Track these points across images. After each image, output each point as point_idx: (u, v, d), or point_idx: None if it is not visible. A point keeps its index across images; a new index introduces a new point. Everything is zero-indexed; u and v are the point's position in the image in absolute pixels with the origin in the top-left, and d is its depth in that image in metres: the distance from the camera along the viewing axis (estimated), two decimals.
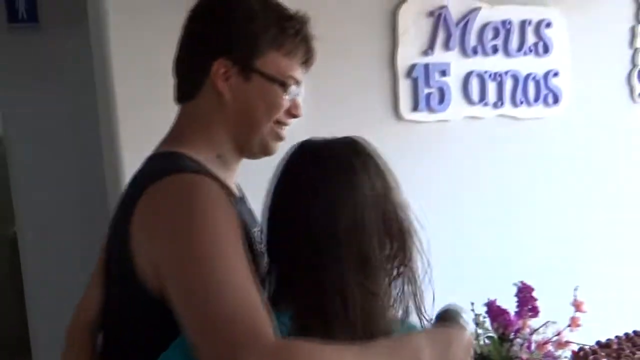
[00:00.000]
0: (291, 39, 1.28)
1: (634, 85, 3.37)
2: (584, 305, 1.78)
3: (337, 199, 1.09)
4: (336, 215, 1.08)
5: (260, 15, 1.25)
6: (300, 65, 1.32)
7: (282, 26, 1.26)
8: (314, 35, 1.34)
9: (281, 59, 1.27)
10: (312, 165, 1.15)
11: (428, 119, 2.77)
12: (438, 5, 2.74)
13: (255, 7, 1.26)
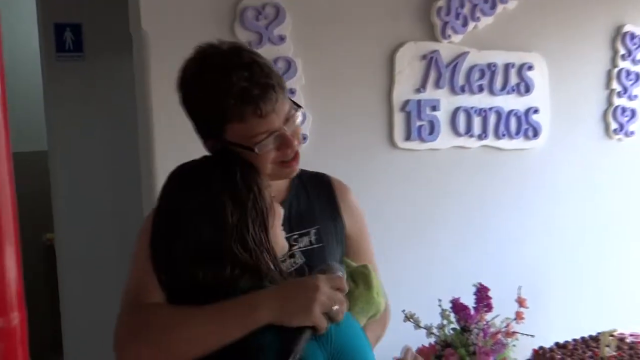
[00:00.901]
0: (235, 108, 1.38)
1: (609, 123, 3.77)
2: (526, 302, 2.16)
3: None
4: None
5: (205, 101, 1.42)
6: (257, 119, 1.38)
7: (222, 103, 1.38)
8: (250, 82, 1.39)
9: (237, 127, 1.39)
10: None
11: (419, 147, 3.18)
12: (430, 50, 3.16)
13: (199, 94, 1.44)
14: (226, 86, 1.38)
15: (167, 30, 2.61)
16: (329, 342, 1.20)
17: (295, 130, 1.47)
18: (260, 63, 1.43)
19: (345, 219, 1.64)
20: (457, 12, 3.18)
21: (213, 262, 1.24)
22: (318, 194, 1.65)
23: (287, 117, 1.45)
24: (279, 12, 2.77)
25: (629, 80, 3.80)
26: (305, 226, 1.57)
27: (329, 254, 1.58)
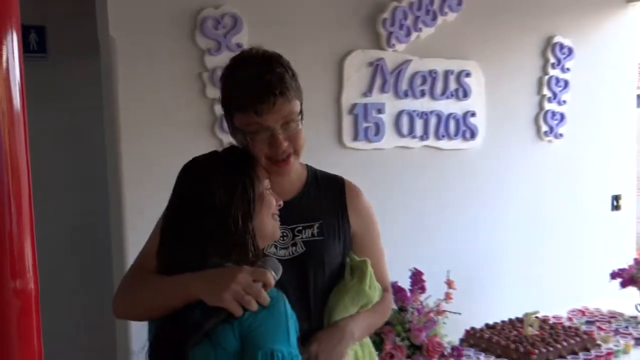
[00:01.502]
0: (237, 99, 1.62)
1: (540, 126, 4.11)
2: (454, 284, 2.45)
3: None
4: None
5: (225, 94, 1.67)
6: (256, 111, 1.58)
7: (233, 92, 1.63)
8: (254, 76, 1.60)
9: (240, 116, 1.62)
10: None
11: (366, 147, 3.45)
12: (376, 58, 3.43)
13: (222, 86, 1.68)
14: (237, 80, 1.63)
15: (133, 36, 2.82)
16: (240, 325, 1.35)
17: (292, 135, 1.65)
18: (276, 71, 1.63)
19: (351, 218, 1.80)
20: (401, 23, 3.46)
21: (194, 240, 1.47)
22: (328, 194, 1.82)
23: (286, 120, 1.63)
24: (237, 22, 3.00)
25: (558, 87, 4.14)
26: (310, 220, 1.74)
27: (328, 247, 1.75)
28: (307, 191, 1.80)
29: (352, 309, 1.73)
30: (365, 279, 1.74)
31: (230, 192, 1.49)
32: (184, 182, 1.56)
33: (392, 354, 2.36)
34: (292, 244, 1.72)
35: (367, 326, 1.78)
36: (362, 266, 1.76)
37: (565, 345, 2.87)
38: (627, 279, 3.40)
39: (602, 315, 3.42)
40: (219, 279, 1.41)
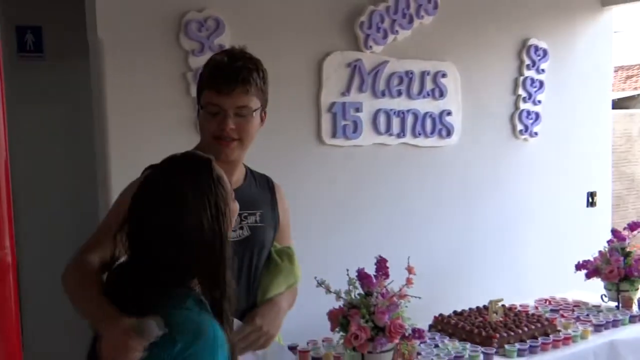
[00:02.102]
0: (207, 77, 1.88)
1: (515, 124, 4.28)
2: (414, 269, 2.62)
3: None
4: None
5: (201, 74, 1.94)
6: (217, 91, 1.84)
7: (206, 72, 1.90)
8: (226, 62, 1.87)
9: (206, 93, 1.88)
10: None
11: (344, 144, 3.63)
12: (354, 59, 3.61)
13: (202, 70, 1.94)
14: (212, 62, 1.91)
15: (120, 38, 3.00)
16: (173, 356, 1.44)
17: (240, 124, 1.87)
18: (247, 66, 1.88)
19: (279, 212, 2.08)
20: (378, 26, 3.64)
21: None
22: (263, 188, 2.08)
23: (240, 110, 1.86)
24: (219, 25, 3.18)
25: (533, 87, 4.31)
26: (253, 208, 1.99)
27: (266, 232, 2.01)
28: (249, 183, 2.05)
29: (283, 287, 2.01)
30: (293, 259, 2.05)
31: (203, 190, 1.54)
32: (156, 178, 1.58)
33: (356, 335, 2.54)
34: (239, 228, 1.96)
35: (291, 303, 2.06)
36: (289, 251, 2.07)
37: (525, 331, 3.04)
38: (592, 270, 3.57)
39: (566, 305, 3.59)
40: (102, 331, 1.49)
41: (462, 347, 2.90)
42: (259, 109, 1.94)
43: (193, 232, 1.49)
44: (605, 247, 3.62)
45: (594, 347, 3.07)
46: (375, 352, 2.57)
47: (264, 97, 1.96)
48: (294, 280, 2.05)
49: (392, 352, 2.67)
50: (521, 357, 2.90)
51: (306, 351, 2.87)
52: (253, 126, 1.93)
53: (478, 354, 2.84)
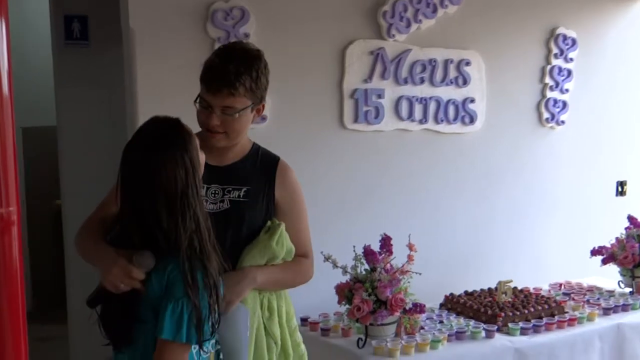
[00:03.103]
0: (202, 73, 2.06)
1: (542, 112, 4.34)
2: (415, 247, 2.76)
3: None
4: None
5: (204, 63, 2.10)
6: (206, 89, 2.03)
7: (204, 67, 2.07)
8: (218, 68, 2.02)
9: (201, 87, 2.06)
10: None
11: (366, 129, 3.77)
12: (377, 47, 3.74)
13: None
14: (211, 59, 2.08)
15: (150, 27, 3.21)
16: (165, 275, 1.75)
17: (226, 121, 2.03)
18: (239, 67, 2.00)
19: (277, 189, 2.16)
20: (401, 15, 3.76)
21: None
22: (263, 166, 2.18)
23: (226, 109, 2.01)
24: (244, 14, 3.36)
25: (561, 76, 4.36)
26: (239, 183, 2.12)
27: (249, 208, 2.10)
28: (244, 161, 2.17)
29: (260, 261, 2.07)
30: (274, 235, 2.07)
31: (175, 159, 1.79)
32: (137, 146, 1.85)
33: (359, 307, 2.69)
34: (220, 201, 2.10)
35: (274, 279, 2.11)
36: (273, 226, 2.11)
37: (532, 311, 3.14)
38: (608, 256, 3.63)
39: (580, 289, 3.66)
40: (103, 267, 1.79)
41: (465, 324, 3.02)
42: (248, 107, 2.06)
43: (168, 185, 1.73)
44: (622, 234, 3.66)
45: (600, 329, 3.15)
46: (376, 324, 2.71)
47: (256, 95, 2.07)
48: (273, 255, 2.08)
49: (395, 325, 2.82)
50: (524, 336, 3.00)
51: (316, 323, 3.04)
52: (240, 123, 2.06)
53: (480, 330, 2.96)
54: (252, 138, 3.37)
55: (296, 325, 2.25)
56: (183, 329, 1.70)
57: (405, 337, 2.82)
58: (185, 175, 1.77)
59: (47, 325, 5.24)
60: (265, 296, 2.12)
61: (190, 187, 1.77)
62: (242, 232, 2.10)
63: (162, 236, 1.74)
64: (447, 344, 2.86)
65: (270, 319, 2.13)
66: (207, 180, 2.08)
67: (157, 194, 1.75)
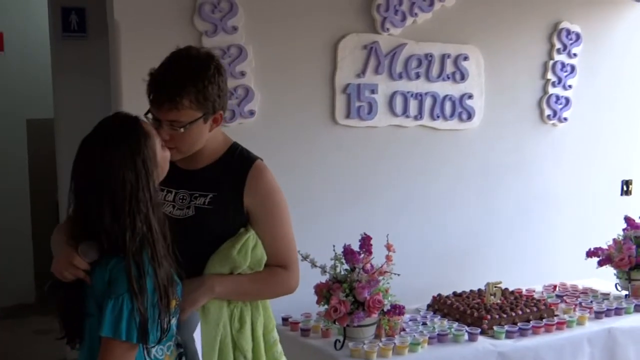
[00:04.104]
0: (147, 86, 1.94)
1: (543, 109, 4.24)
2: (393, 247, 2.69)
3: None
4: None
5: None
6: (150, 102, 1.93)
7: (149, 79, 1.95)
8: (157, 81, 1.92)
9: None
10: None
11: (358, 124, 3.69)
12: (371, 41, 3.66)
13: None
14: (157, 70, 1.97)
15: (135, 19, 3.17)
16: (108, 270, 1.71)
17: (175, 135, 1.91)
18: (181, 79, 1.89)
19: (246, 196, 2.01)
20: (396, 8, 3.68)
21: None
22: (234, 171, 2.03)
23: (171, 122, 1.90)
24: (233, 7, 3.30)
25: (564, 72, 4.25)
26: (206, 190, 2.01)
27: (214, 216, 1.99)
28: (215, 166, 2.05)
29: (221, 270, 1.97)
30: (236, 244, 1.96)
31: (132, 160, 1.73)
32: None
33: (336, 308, 2.64)
34: (187, 207, 2.02)
35: (237, 289, 2.00)
36: (241, 234, 1.99)
37: (520, 314, 3.06)
38: (605, 258, 3.53)
39: (574, 291, 3.56)
40: (54, 255, 1.79)
41: (448, 326, 2.95)
42: (198, 119, 1.93)
43: (115, 186, 1.67)
44: (619, 235, 3.57)
45: (589, 333, 3.06)
46: (352, 326, 2.66)
47: (205, 105, 1.93)
48: (234, 264, 1.98)
49: (375, 327, 2.76)
50: (509, 339, 2.93)
51: (297, 322, 2.99)
52: (189, 136, 1.94)
53: (463, 333, 2.89)
54: (240, 133, 3.35)
55: (276, 339, 2.14)
56: (122, 326, 1.65)
57: (384, 339, 2.75)
58: (135, 178, 1.70)
59: (48, 316, 5.25)
60: (238, 307, 2.03)
61: (142, 191, 1.71)
62: (205, 240, 2.00)
63: (105, 237, 1.70)
64: (428, 347, 2.79)
65: (240, 331, 2.03)
66: (176, 185, 2.02)
67: (102, 195, 1.69)
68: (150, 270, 1.69)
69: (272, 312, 2.15)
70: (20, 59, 5.63)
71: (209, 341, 1.98)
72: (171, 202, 2.03)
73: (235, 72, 3.33)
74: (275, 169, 3.43)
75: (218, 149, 2.08)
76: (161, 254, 1.72)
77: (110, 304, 1.66)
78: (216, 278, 1.98)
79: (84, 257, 1.72)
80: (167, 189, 2.03)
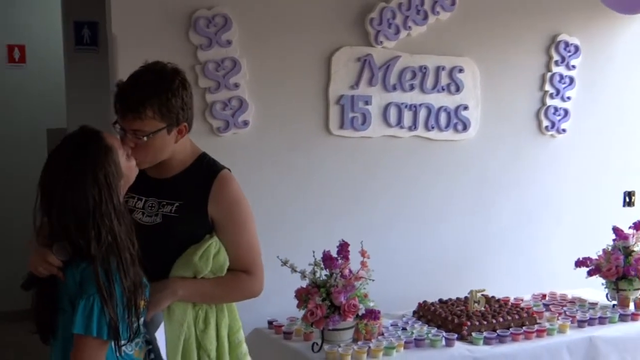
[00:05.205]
0: (114, 97, 2.08)
1: (541, 120, 4.28)
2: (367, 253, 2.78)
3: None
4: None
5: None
6: (115, 112, 2.07)
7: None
8: (122, 92, 2.07)
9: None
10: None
11: (352, 135, 3.78)
12: (365, 54, 3.76)
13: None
14: (123, 82, 2.11)
15: (132, 33, 3.31)
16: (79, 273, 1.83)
17: (138, 145, 2.01)
18: (145, 90, 2.02)
19: (210, 204, 2.12)
20: (389, 22, 3.77)
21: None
22: (200, 180, 2.15)
23: (135, 131, 2.01)
24: (227, 21, 3.43)
25: (562, 83, 4.29)
26: (173, 198, 2.14)
27: (180, 224, 2.11)
28: (183, 175, 2.17)
29: (184, 274, 2.09)
30: (198, 250, 2.08)
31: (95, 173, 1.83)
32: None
33: (312, 312, 2.73)
34: (155, 214, 2.14)
35: (200, 292, 2.12)
36: (204, 241, 2.11)
37: (501, 321, 3.12)
38: (595, 268, 3.56)
39: (562, 300, 3.60)
40: (31, 252, 1.90)
41: (426, 331, 3.02)
42: (162, 129, 2.04)
43: (78, 203, 1.77)
44: (609, 246, 3.60)
45: (569, 341, 3.10)
46: (327, 329, 2.75)
47: (169, 117, 2.04)
48: (195, 269, 2.09)
49: (353, 331, 2.85)
50: (488, 345, 2.98)
51: (280, 326, 3.08)
52: (153, 146, 2.05)
53: (439, 338, 2.95)
54: (234, 143, 3.48)
55: (241, 340, 2.25)
56: (93, 323, 1.77)
57: (360, 342, 2.84)
58: (98, 193, 1.80)
59: None
60: (203, 309, 2.15)
61: (105, 204, 1.81)
62: (172, 247, 2.11)
63: (71, 247, 1.82)
64: (404, 351, 2.87)
65: (204, 331, 2.14)
66: (145, 193, 2.16)
67: (65, 210, 1.80)
68: (117, 277, 1.80)
69: (237, 314, 2.26)
70: (40, 70, 5.85)
71: (172, 340, 2.09)
72: (141, 210, 2.16)
73: (229, 84, 3.46)
74: (269, 178, 3.60)
75: (186, 159, 2.19)
76: (128, 261, 1.83)
77: (82, 303, 1.78)
78: (179, 282, 2.09)
79: (57, 256, 1.85)
80: (138, 197, 2.16)
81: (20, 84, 5.89)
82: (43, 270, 1.86)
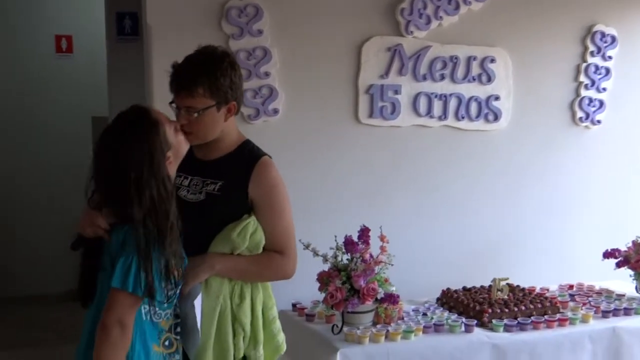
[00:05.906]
0: (170, 77, 2.28)
1: (575, 111, 4.25)
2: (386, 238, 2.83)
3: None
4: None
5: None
6: (170, 90, 2.27)
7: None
8: (177, 72, 2.27)
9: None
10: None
11: (381, 124, 3.83)
12: (395, 43, 3.80)
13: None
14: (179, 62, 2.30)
15: (166, 23, 3.42)
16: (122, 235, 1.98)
17: (191, 120, 2.19)
18: (197, 69, 2.21)
19: (250, 187, 2.28)
20: (420, 12, 3.80)
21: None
22: (242, 164, 2.31)
23: (187, 108, 2.19)
24: (258, 11, 3.52)
25: (598, 74, 4.25)
26: (216, 178, 2.30)
27: (221, 202, 2.26)
28: (227, 157, 2.34)
29: (222, 249, 2.23)
30: (237, 227, 2.22)
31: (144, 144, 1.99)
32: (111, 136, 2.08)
33: (332, 294, 2.80)
34: (199, 192, 2.29)
35: (235, 268, 2.25)
36: (243, 219, 2.24)
37: (523, 309, 3.13)
38: (623, 259, 3.54)
39: (589, 291, 3.59)
40: (81, 217, 2.04)
41: (447, 317, 3.05)
42: (211, 106, 2.21)
43: (124, 170, 1.93)
44: (638, 237, 3.57)
45: (592, 331, 3.10)
46: (347, 312, 2.81)
47: (219, 95, 2.22)
48: (233, 246, 2.22)
49: (373, 314, 2.91)
50: (508, 333, 3.00)
51: (303, 308, 3.16)
52: (204, 122, 2.22)
53: (458, 323, 2.99)
54: (264, 130, 3.57)
55: (274, 316, 2.38)
56: (130, 279, 1.90)
57: (379, 326, 2.90)
58: (142, 162, 1.95)
59: None
60: (238, 284, 2.28)
61: (148, 172, 1.96)
62: (213, 223, 2.26)
63: (117, 211, 1.98)
64: (422, 336, 2.91)
65: (239, 305, 2.27)
66: (191, 172, 2.32)
67: (112, 177, 1.97)
68: (156, 243, 1.93)
69: (271, 291, 2.38)
70: (86, 60, 6.04)
71: (208, 312, 2.22)
72: (186, 187, 2.32)
73: (260, 73, 3.54)
74: (296, 164, 3.67)
75: (231, 144, 2.36)
76: (168, 229, 1.96)
77: (121, 260, 1.92)
78: (217, 257, 2.23)
79: (105, 218, 2.01)
80: (184, 175, 2.32)
81: (68, 74, 6.10)
82: (91, 232, 2.00)
